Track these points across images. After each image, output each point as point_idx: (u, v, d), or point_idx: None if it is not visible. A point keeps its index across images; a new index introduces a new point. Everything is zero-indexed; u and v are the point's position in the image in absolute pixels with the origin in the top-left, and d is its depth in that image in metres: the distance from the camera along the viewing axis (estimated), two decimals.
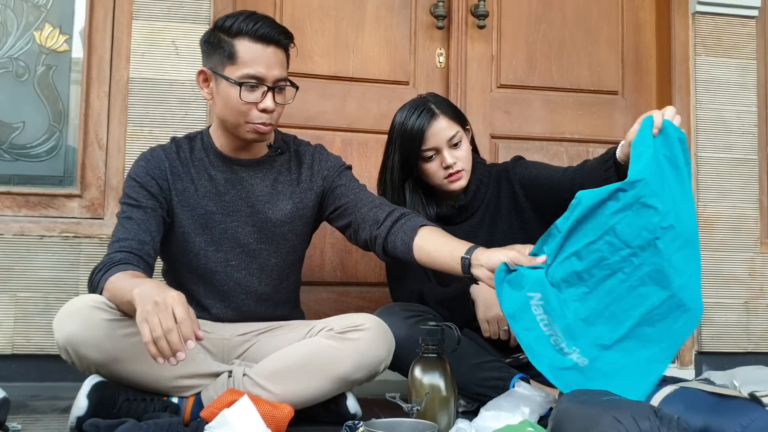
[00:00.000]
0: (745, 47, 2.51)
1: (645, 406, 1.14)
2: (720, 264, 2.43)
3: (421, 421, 1.23)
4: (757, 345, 2.42)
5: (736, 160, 2.47)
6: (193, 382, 1.53)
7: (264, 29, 1.57)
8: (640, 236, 1.34)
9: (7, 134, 2.17)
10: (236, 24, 1.57)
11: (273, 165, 1.74)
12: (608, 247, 1.35)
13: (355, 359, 1.52)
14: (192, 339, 1.26)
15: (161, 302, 1.26)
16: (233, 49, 1.57)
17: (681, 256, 1.36)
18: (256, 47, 1.57)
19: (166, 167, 1.67)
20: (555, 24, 2.52)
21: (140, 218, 1.59)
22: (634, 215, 1.33)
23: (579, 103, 2.52)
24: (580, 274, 1.36)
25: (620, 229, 1.34)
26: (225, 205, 1.68)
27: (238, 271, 1.70)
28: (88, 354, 1.43)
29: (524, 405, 1.42)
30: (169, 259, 1.74)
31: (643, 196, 1.33)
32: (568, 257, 1.35)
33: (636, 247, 1.34)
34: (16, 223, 2.09)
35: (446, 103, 1.89)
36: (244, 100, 1.57)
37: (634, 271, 1.35)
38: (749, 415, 1.13)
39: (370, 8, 2.41)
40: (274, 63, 1.59)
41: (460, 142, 1.84)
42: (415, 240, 1.53)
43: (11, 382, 1.93)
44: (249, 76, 1.57)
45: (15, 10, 2.20)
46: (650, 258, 1.34)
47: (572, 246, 1.35)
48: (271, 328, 1.72)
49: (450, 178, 1.83)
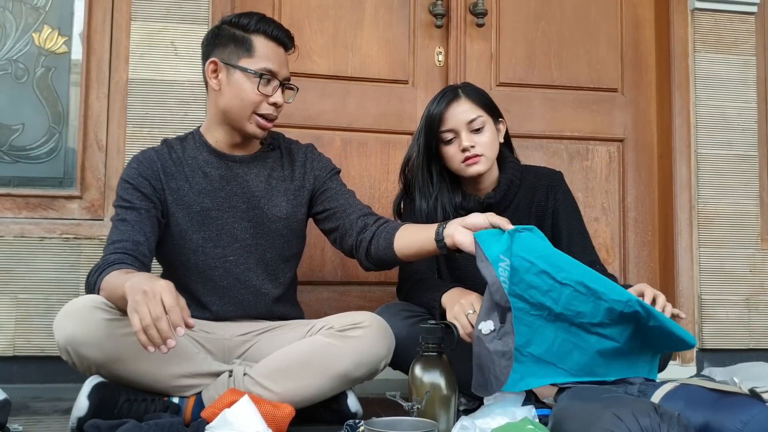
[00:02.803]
0: (745, 43, 2.51)
1: (645, 403, 1.14)
2: (721, 260, 2.42)
3: (421, 419, 1.23)
4: (759, 341, 2.42)
5: (737, 157, 2.47)
6: (193, 382, 1.53)
7: (278, 32, 1.68)
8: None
9: (7, 136, 2.18)
10: (252, 22, 1.66)
11: (266, 161, 1.77)
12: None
13: (355, 357, 1.53)
14: (181, 326, 1.26)
15: (150, 291, 1.26)
16: (251, 44, 1.66)
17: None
18: (271, 45, 1.68)
19: (159, 168, 1.69)
20: (554, 22, 2.52)
21: (134, 220, 1.61)
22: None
23: (578, 101, 2.52)
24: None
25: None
26: (221, 201, 1.70)
27: (236, 266, 1.70)
28: (88, 354, 1.44)
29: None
30: (167, 261, 1.74)
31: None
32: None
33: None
34: (17, 224, 2.09)
35: (476, 90, 1.86)
36: (261, 91, 1.65)
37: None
38: (749, 411, 1.13)
39: (369, 7, 2.41)
40: (285, 63, 1.71)
41: (483, 128, 1.80)
42: (395, 235, 1.61)
43: (12, 383, 1.93)
44: (267, 69, 1.65)
45: (14, 12, 2.20)
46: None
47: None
48: (272, 327, 1.72)
49: (467, 162, 1.79)
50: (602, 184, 2.51)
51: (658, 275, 2.52)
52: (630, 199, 2.53)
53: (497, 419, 1.31)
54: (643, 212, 2.54)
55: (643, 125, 2.56)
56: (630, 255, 2.51)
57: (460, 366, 1.45)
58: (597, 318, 1.44)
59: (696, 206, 2.44)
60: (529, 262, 1.42)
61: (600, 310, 1.43)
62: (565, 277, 1.42)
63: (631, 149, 2.55)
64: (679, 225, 2.43)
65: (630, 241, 2.52)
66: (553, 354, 1.45)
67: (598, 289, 1.42)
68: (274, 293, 1.75)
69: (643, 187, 2.54)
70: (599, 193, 2.51)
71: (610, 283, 1.44)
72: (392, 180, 2.38)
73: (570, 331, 1.45)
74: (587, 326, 1.45)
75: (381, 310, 1.73)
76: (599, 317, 1.44)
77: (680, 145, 2.46)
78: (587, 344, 1.46)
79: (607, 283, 1.44)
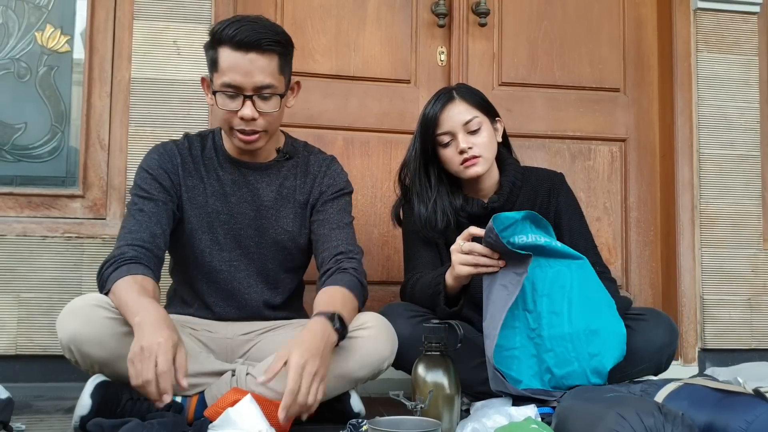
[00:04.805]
0: (747, 43, 2.50)
1: (649, 402, 1.15)
2: (723, 261, 2.42)
3: (424, 419, 1.23)
4: (761, 341, 2.41)
5: (739, 157, 2.47)
6: (196, 381, 1.53)
7: (243, 35, 1.53)
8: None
9: (10, 135, 2.18)
10: (219, 31, 1.55)
11: (280, 170, 1.74)
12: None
13: (358, 358, 1.52)
14: (168, 393, 1.29)
15: (147, 349, 1.29)
16: (216, 56, 1.57)
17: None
18: (234, 55, 1.54)
19: (178, 162, 1.68)
20: (556, 21, 2.52)
21: (152, 211, 1.60)
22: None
23: (580, 101, 2.52)
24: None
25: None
26: (230, 207, 1.69)
27: (239, 271, 1.70)
28: (91, 352, 1.44)
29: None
30: (177, 256, 1.74)
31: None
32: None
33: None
34: (19, 224, 2.09)
35: (471, 91, 1.85)
36: (221, 107, 1.58)
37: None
38: (754, 411, 1.13)
39: (371, 7, 2.41)
40: (253, 70, 1.55)
41: (480, 129, 1.79)
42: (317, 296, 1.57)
43: (15, 382, 1.93)
44: (225, 84, 1.56)
45: (16, 11, 2.20)
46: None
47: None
48: (274, 327, 1.72)
49: (465, 164, 1.78)
50: (604, 184, 2.51)
51: (660, 275, 2.52)
52: (632, 199, 2.53)
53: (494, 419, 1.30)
54: (645, 212, 2.54)
55: (645, 125, 2.56)
56: (632, 255, 2.51)
57: (463, 365, 1.45)
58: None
59: (698, 206, 2.44)
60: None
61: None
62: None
63: (634, 149, 2.55)
64: (681, 225, 2.43)
65: (632, 240, 2.52)
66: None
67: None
68: (275, 301, 1.75)
69: (645, 187, 2.54)
70: (601, 192, 2.51)
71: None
72: (394, 179, 2.37)
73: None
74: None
75: (384, 310, 1.72)
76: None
77: (682, 145, 2.46)
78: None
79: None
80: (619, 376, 1.60)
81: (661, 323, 1.72)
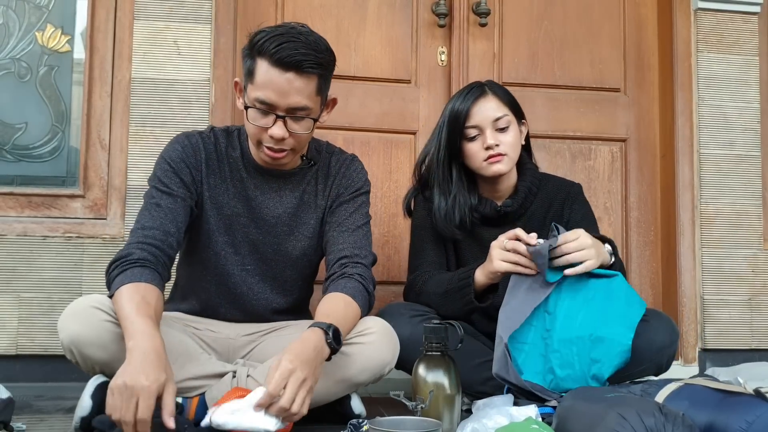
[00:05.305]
0: (748, 43, 2.50)
1: (650, 402, 1.15)
2: (723, 261, 2.42)
3: (425, 419, 1.23)
4: (761, 341, 2.41)
5: (739, 157, 2.47)
6: (197, 383, 1.52)
7: (284, 53, 1.45)
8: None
9: (10, 135, 2.18)
10: (261, 42, 1.47)
11: (304, 177, 1.69)
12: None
13: (360, 363, 1.50)
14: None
15: (130, 388, 1.19)
16: (254, 68, 1.50)
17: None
18: (272, 71, 1.47)
19: (203, 158, 1.63)
20: (557, 21, 2.52)
21: (169, 206, 1.55)
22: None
23: (581, 101, 2.52)
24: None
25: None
26: (251, 211, 1.66)
27: (252, 276, 1.68)
28: (92, 354, 1.43)
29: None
30: (189, 254, 1.70)
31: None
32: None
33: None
34: (19, 223, 2.09)
35: (503, 88, 1.86)
36: (251, 122, 1.53)
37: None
38: (754, 411, 1.13)
39: (372, 7, 2.41)
40: (290, 91, 1.48)
41: (508, 128, 1.79)
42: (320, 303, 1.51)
43: (15, 382, 1.92)
44: (258, 99, 1.50)
45: (17, 11, 2.20)
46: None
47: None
48: (277, 328, 1.71)
49: (490, 160, 1.77)
50: (605, 184, 2.51)
51: (661, 275, 2.52)
52: (632, 199, 2.53)
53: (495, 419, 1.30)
54: (646, 212, 2.54)
55: (645, 125, 2.56)
56: (632, 255, 2.51)
57: (464, 365, 1.45)
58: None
59: (698, 206, 2.44)
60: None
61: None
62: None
63: (634, 149, 2.55)
64: (682, 225, 2.43)
65: (632, 240, 2.52)
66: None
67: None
68: (283, 305, 1.73)
69: (645, 187, 2.54)
70: (602, 193, 2.51)
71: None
72: (395, 179, 2.38)
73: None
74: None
75: (385, 309, 1.72)
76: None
77: (683, 145, 2.46)
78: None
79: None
80: (619, 377, 1.60)
81: (662, 324, 1.71)
